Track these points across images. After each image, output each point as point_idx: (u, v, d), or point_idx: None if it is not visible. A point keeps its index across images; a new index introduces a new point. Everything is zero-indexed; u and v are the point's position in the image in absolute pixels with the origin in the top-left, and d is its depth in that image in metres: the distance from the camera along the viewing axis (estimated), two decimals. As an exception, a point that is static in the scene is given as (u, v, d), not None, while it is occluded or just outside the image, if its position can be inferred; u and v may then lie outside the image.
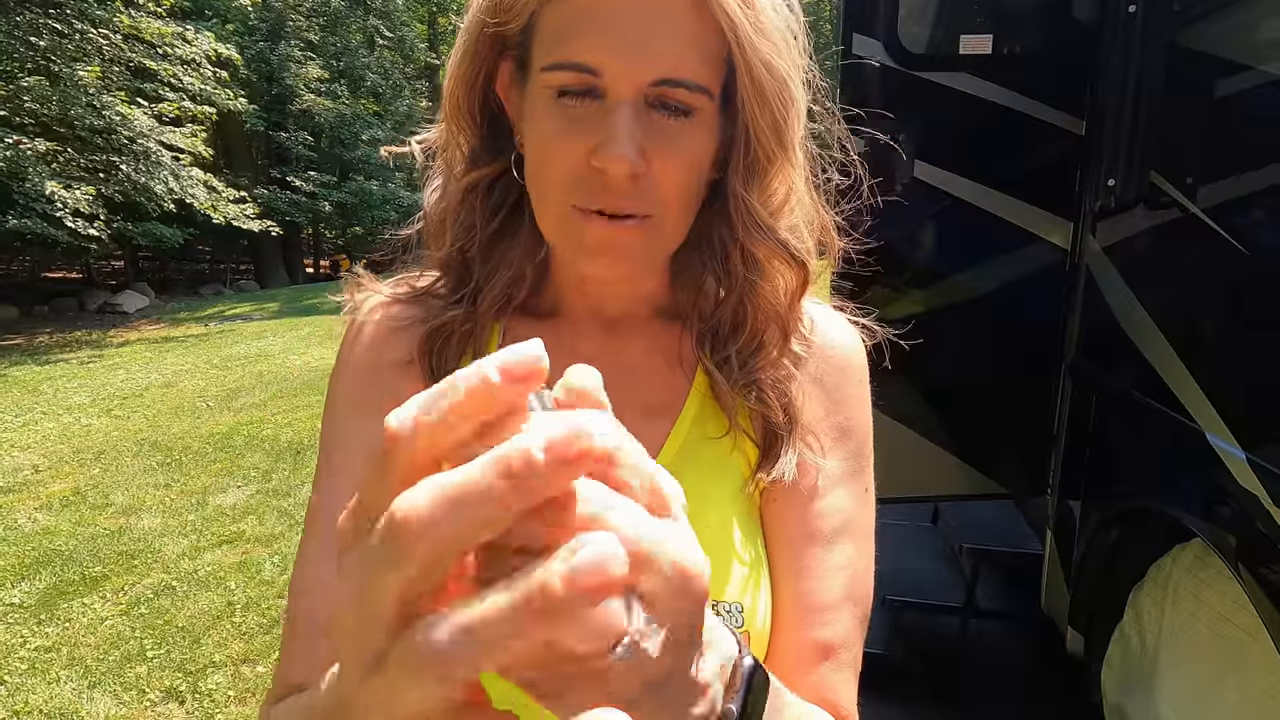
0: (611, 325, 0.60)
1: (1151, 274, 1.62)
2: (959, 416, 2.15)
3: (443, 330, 0.57)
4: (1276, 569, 1.13)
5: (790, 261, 0.54)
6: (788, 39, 0.49)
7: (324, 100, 17.88)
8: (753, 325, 0.56)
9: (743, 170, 0.52)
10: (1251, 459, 1.20)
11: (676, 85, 0.47)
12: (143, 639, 2.82)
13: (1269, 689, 1.22)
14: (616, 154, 0.46)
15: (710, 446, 0.56)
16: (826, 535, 0.56)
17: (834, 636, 0.54)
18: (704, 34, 0.47)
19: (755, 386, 0.55)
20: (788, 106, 0.49)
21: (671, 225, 0.52)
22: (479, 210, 0.56)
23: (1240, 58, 1.34)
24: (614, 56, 0.46)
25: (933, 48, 1.94)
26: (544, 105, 0.49)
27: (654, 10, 0.46)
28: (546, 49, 0.48)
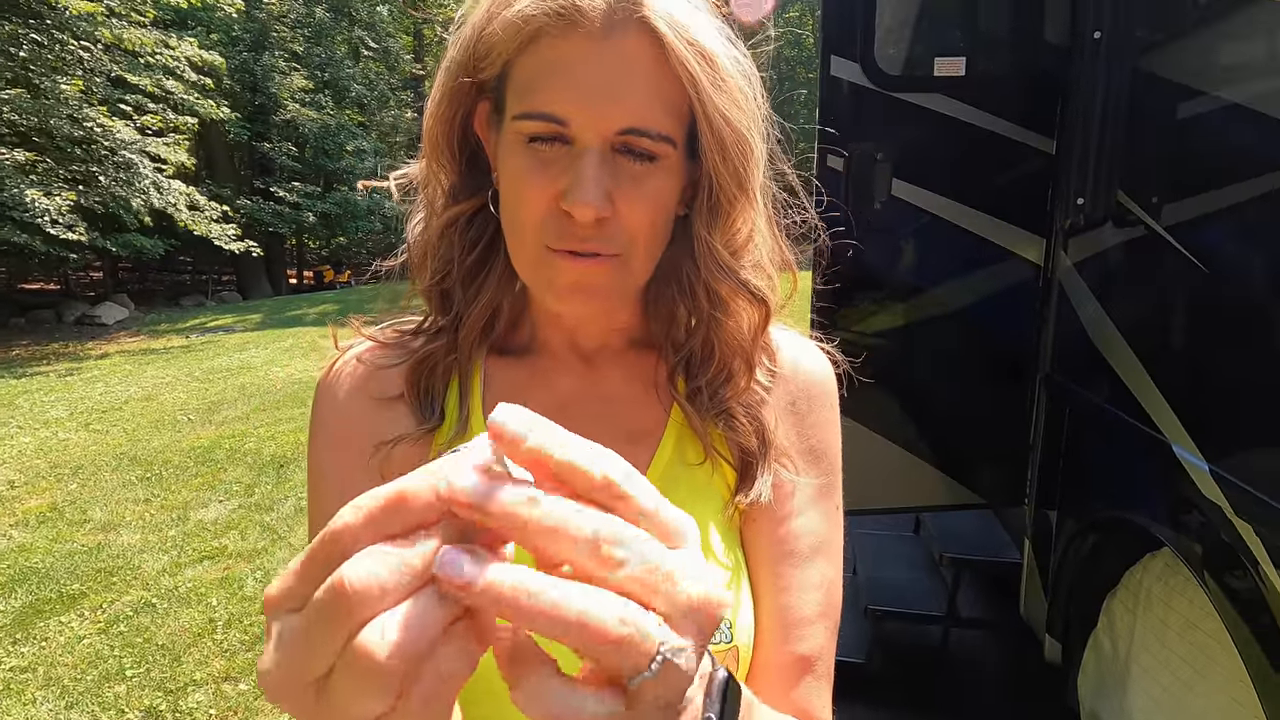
0: (589, 358, 0.62)
1: (1118, 290, 1.67)
2: (939, 429, 2.19)
3: (428, 362, 0.59)
4: (1239, 577, 1.17)
5: (752, 300, 0.57)
6: (745, 91, 0.52)
7: (308, 111, 17.81)
8: (720, 357, 0.58)
9: (706, 213, 0.54)
10: (1214, 470, 1.24)
11: (641, 135, 0.49)
12: (121, 658, 2.78)
13: (1236, 696, 1.25)
14: (583, 200, 0.48)
15: (690, 471, 0.59)
16: (803, 554, 0.59)
17: (811, 650, 0.57)
18: (666, 86, 0.49)
19: (726, 415, 0.58)
20: (747, 155, 0.52)
21: (639, 263, 0.54)
22: (457, 244, 0.58)
23: (1198, 83, 1.40)
24: (580, 108, 0.48)
25: (908, 69, 1.99)
26: (516, 149, 0.51)
27: (619, 64, 0.48)
28: (518, 98, 0.50)
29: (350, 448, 0.59)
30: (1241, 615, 1.16)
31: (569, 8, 0.47)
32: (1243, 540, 1.16)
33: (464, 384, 0.60)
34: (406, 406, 0.59)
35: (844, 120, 1.96)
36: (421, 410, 0.58)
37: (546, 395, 0.61)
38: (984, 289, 2.07)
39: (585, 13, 0.48)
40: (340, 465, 0.59)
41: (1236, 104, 1.30)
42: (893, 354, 2.13)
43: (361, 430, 0.59)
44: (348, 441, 0.59)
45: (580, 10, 0.47)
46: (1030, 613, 2.04)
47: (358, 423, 0.59)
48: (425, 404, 0.58)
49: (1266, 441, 1.18)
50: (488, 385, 0.61)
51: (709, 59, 0.49)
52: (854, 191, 1.94)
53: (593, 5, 0.48)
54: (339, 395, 0.60)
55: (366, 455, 0.57)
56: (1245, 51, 1.29)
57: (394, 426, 0.58)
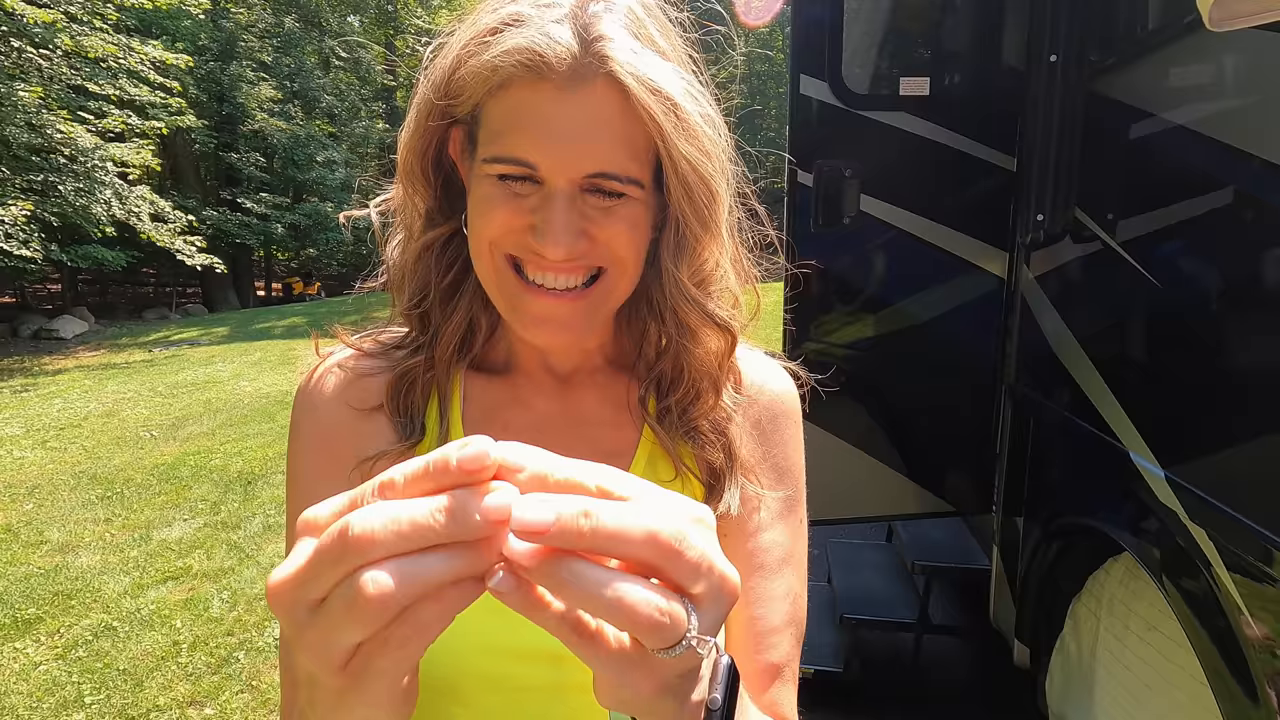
0: (564, 379, 0.64)
1: (1077, 302, 1.72)
2: (909, 439, 2.23)
3: (407, 376, 0.60)
4: (1195, 580, 1.21)
5: (718, 329, 0.60)
6: (710, 135, 0.53)
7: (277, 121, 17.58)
8: (689, 379, 0.61)
9: (673, 248, 0.57)
10: (1170, 477, 1.29)
11: (609, 179, 0.51)
12: (80, 684, 2.68)
13: (1194, 695, 1.29)
14: (552, 242, 0.50)
15: (663, 477, 0.61)
16: (772, 566, 0.61)
17: (780, 658, 0.60)
18: (632, 132, 0.51)
19: (695, 432, 0.60)
20: (713, 196, 0.54)
21: (625, 284, 0.56)
22: (434, 268, 0.60)
23: (1148, 105, 1.46)
24: (548, 155, 0.50)
25: (874, 88, 2.04)
26: (485, 183, 0.53)
27: (586, 114, 0.50)
28: (488, 141, 0.52)
29: (329, 453, 0.60)
30: (1197, 617, 1.21)
31: (536, 60, 0.49)
32: (1197, 544, 1.20)
33: (443, 400, 0.61)
34: (386, 417, 0.60)
35: (813, 137, 2.00)
36: (402, 425, 0.59)
37: (524, 415, 0.63)
38: (950, 302, 2.12)
39: (552, 65, 0.49)
40: (319, 470, 0.60)
41: (1183, 125, 1.36)
42: (863, 366, 2.18)
43: (341, 437, 0.60)
44: (327, 447, 0.60)
45: (547, 63, 0.49)
46: (999, 618, 2.08)
47: (337, 430, 0.60)
48: (405, 419, 0.59)
49: (1219, 448, 1.23)
50: (468, 401, 0.63)
51: (673, 107, 0.50)
52: (823, 207, 1.98)
53: (559, 58, 0.49)
54: (320, 401, 0.61)
55: (345, 462, 0.58)
56: (1191, 76, 1.36)
57: (373, 436, 0.60)
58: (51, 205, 9.93)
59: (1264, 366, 1.14)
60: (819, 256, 2.07)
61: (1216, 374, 1.24)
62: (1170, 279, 1.38)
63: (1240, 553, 1.12)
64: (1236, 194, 1.21)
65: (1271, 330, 1.13)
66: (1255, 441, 1.16)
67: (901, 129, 2.00)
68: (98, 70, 10.39)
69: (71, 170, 10.00)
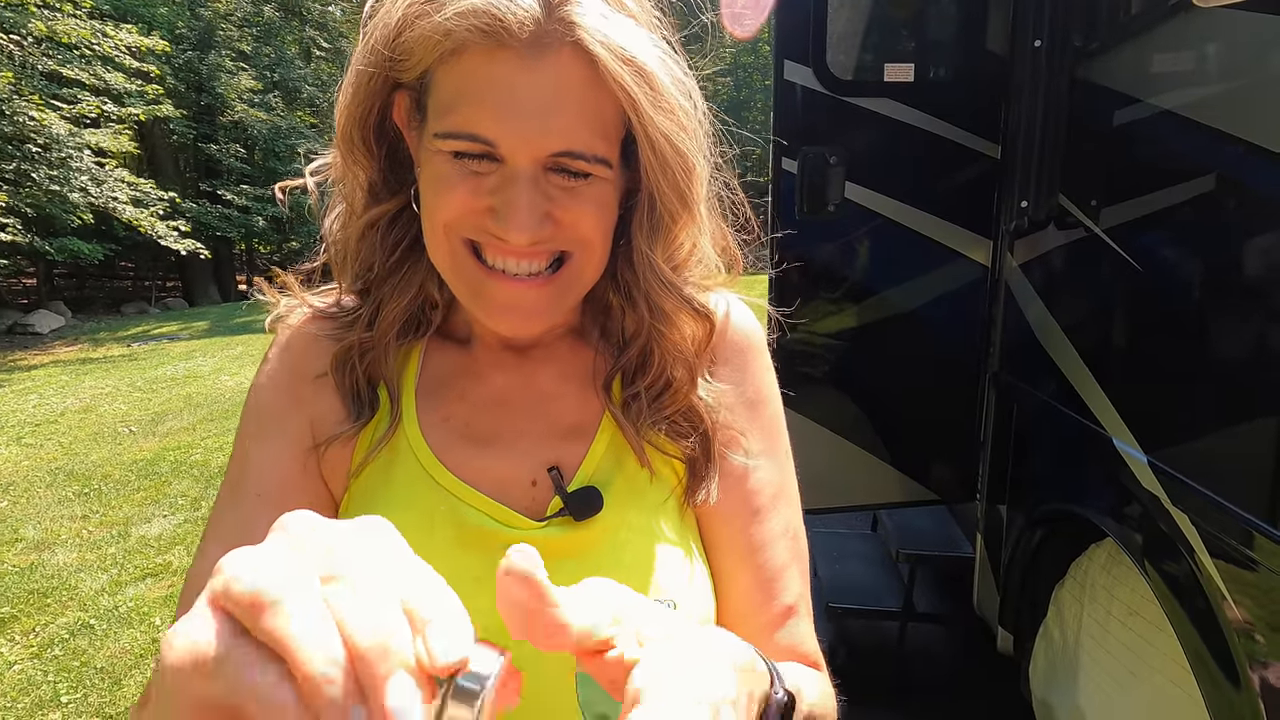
0: (524, 352, 0.61)
1: (1061, 290, 1.72)
2: (894, 428, 2.23)
3: (350, 352, 0.58)
4: (1177, 565, 1.22)
5: (695, 316, 0.57)
6: (686, 108, 0.50)
7: (257, 112, 17.30)
8: (659, 367, 0.58)
9: (647, 228, 0.53)
10: (1152, 462, 1.29)
11: (575, 158, 0.48)
12: (56, 683, 2.63)
13: (1175, 679, 1.30)
14: (515, 227, 0.47)
15: (631, 459, 0.58)
16: (766, 507, 0.60)
17: (791, 598, 0.59)
18: (601, 106, 0.47)
19: (666, 421, 0.57)
20: (690, 173, 0.51)
21: (592, 269, 0.53)
22: (379, 247, 0.57)
23: (1132, 91, 1.45)
24: (509, 133, 0.46)
25: (859, 75, 2.03)
26: (438, 160, 0.49)
27: (550, 86, 0.46)
28: (441, 114, 0.48)
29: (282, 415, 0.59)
30: (1179, 601, 1.21)
31: (494, 26, 0.44)
32: (1179, 529, 1.20)
33: (391, 375, 0.59)
34: (333, 387, 0.58)
35: (798, 124, 1.98)
36: (349, 404, 0.58)
37: (482, 388, 0.60)
38: (935, 290, 2.12)
39: (513, 31, 0.44)
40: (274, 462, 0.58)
41: (1168, 111, 1.36)
42: (848, 354, 2.17)
43: (296, 418, 0.58)
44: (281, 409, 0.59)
45: (507, 28, 0.44)
46: (983, 605, 2.09)
47: (293, 408, 0.59)
48: (350, 393, 0.57)
49: (1200, 433, 1.23)
50: (424, 372, 0.60)
51: (647, 78, 0.47)
52: (808, 194, 1.96)
53: (520, 23, 0.44)
54: (277, 379, 0.60)
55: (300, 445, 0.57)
56: (1175, 61, 1.35)
57: (324, 404, 0.58)
58: (25, 195, 9.71)
59: (1247, 352, 1.14)
60: (803, 244, 2.06)
61: (1199, 360, 1.24)
62: (1154, 265, 1.38)
63: (1222, 537, 1.12)
64: (1220, 179, 1.21)
65: (1254, 316, 1.13)
66: (1237, 426, 1.16)
67: (886, 115, 1.98)
68: (71, 56, 10.16)
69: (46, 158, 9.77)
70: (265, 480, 0.56)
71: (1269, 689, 1.02)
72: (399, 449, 0.57)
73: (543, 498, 0.56)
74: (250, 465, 0.57)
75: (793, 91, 1.98)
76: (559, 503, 0.55)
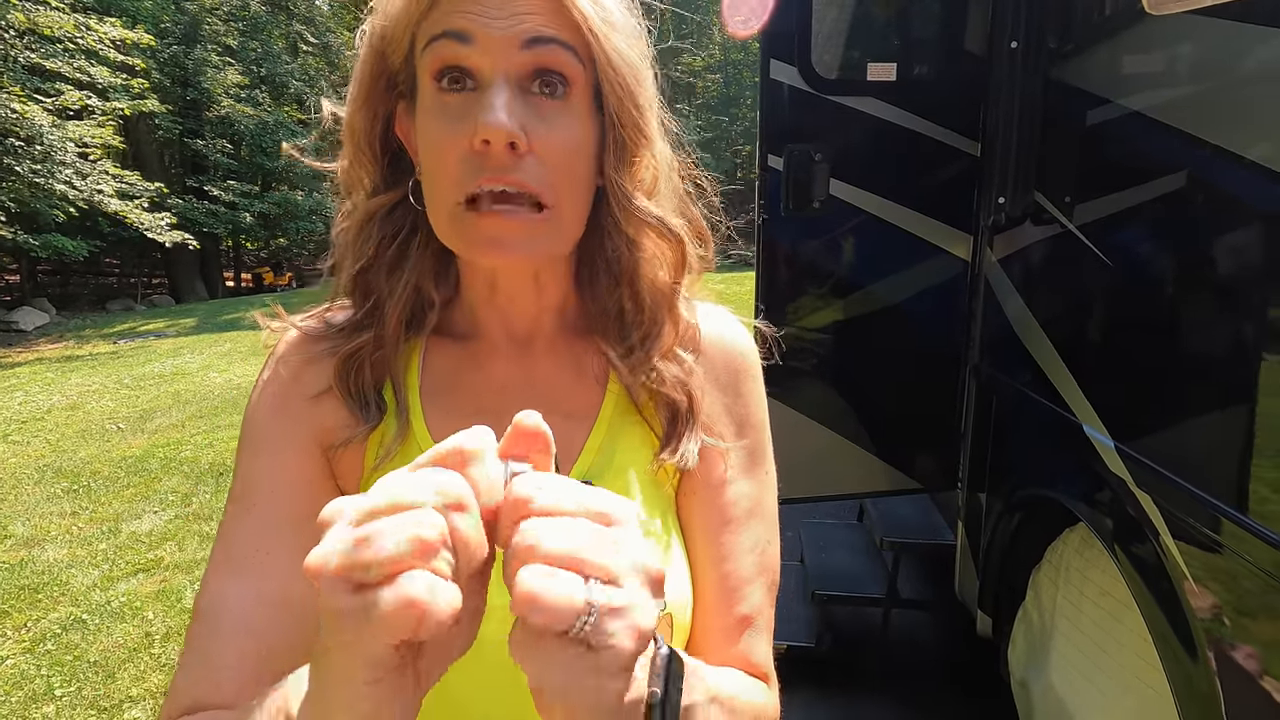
0: (524, 344, 0.64)
1: (1037, 283, 1.78)
2: (878, 419, 2.28)
3: (355, 357, 0.60)
4: (1142, 545, 1.27)
5: (666, 235, 0.60)
6: (636, 31, 0.56)
7: (244, 107, 17.16)
8: (647, 310, 0.61)
9: (613, 156, 0.57)
10: (1119, 447, 1.35)
11: (548, 42, 0.51)
12: (49, 677, 2.65)
13: (1142, 654, 1.36)
14: (493, 121, 0.49)
15: (625, 447, 0.62)
16: (739, 519, 0.63)
17: (750, 609, 0.61)
18: (564, 20, 0.52)
19: (657, 373, 0.61)
20: (642, 86, 0.56)
21: (568, 210, 0.55)
22: (376, 235, 0.59)
23: (1103, 92, 1.51)
24: (484, 23, 0.50)
25: (843, 74, 2.07)
26: (430, 107, 0.53)
27: None
28: (426, 36, 0.52)
29: (283, 443, 0.59)
30: (1144, 580, 1.27)
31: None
32: (1144, 510, 1.26)
33: (396, 375, 0.61)
34: (337, 399, 0.59)
35: (783, 122, 2.03)
36: (356, 408, 0.59)
37: (484, 379, 0.63)
38: (917, 284, 2.17)
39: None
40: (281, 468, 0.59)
41: (1136, 112, 1.41)
42: (833, 347, 2.22)
43: (299, 429, 0.59)
44: (281, 436, 0.59)
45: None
46: (964, 590, 2.15)
47: (293, 423, 0.59)
48: (359, 402, 0.59)
49: (1163, 419, 1.29)
50: (426, 369, 0.63)
51: (600, 3, 0.53)
52: (793, 191, 2.01)
53: None
54: (273, 399, 0.60)
55: (308, 453, 0.59)
56: (1143, 63, 1.41)
57: (330, 418, 0.59)
58: (8, 189, 9.60)
59: (1208, 343, 1.20)
60: (789, 240, 2.10)
61: (1164, 350, 1.30)
62: (1122, 260, 1.44)
63: (1183, 518, 1.18)
64: (1186, 178, 1.26)
65: (1215, 309, 1.19)
66: (1197, 413, 1.22)
67: (869, 114, 2.03)
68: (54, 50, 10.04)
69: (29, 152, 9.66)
70: (276, 484, 0.57)
71: (1224, 662, 1.08)
72: (409, 446, 0.59)
73: None
74: (257, 474, 0.58)
75: (779, 90, 2.03)
76: None
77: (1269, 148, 1.06)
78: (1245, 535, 1.04)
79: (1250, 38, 1.10)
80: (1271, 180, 1.04)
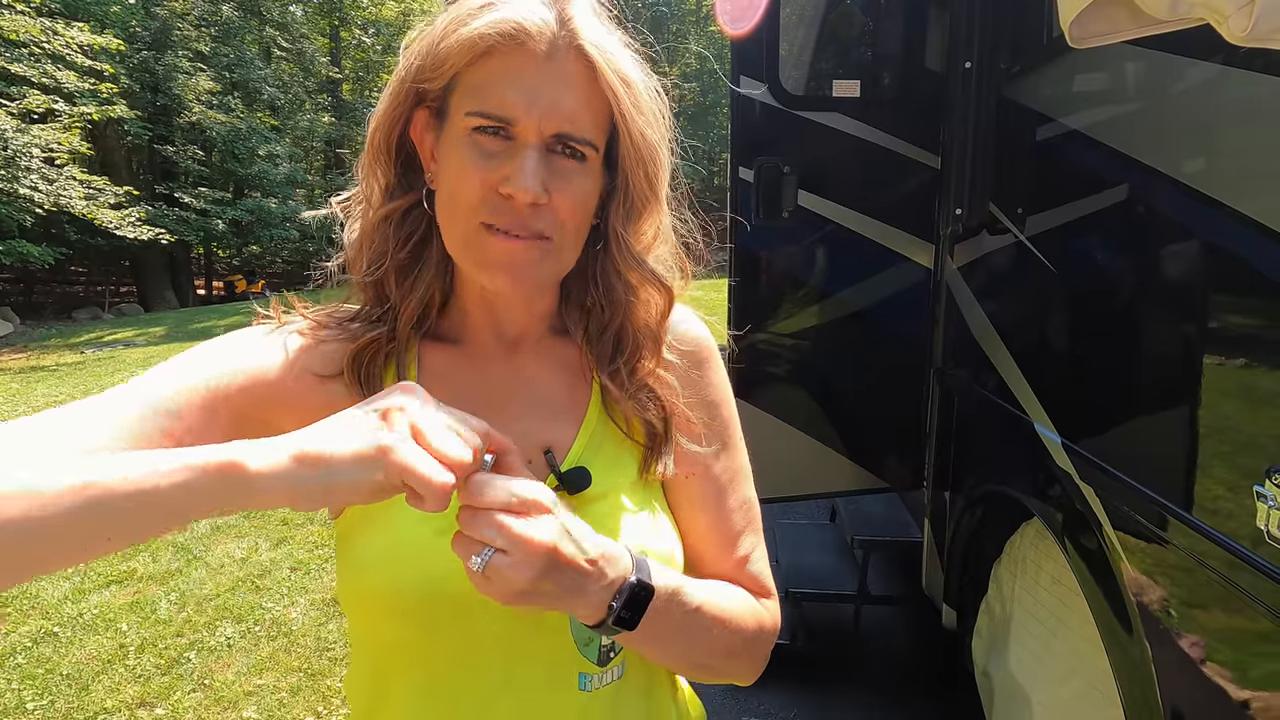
0: (512, 346, 0.71)
1: (992, 290, 1.87)
2: (848, 421, 2.37)
3: (370, 347, 0.66)
4: (1086, 536, 1.36)
5: (659, 287, 0.69)
6: (659, 115, 0.64)
7: (216, 113, 16.93)
8: (633, 341, 0.70)
9: (623, 214, 0.66)
10: (1065, 443, 1.44)
11: (574, 140, 0.60)
12: (21, 691, 2.61)
13: (1088, 638, 1.44)
14: (523, 185, 0.58)
15: (610, 441, 0.70)
16: (725, 486, 0.74)
17: (745, 550, 0.74)
18: (594, 102, 0.60)
19: (639, 392, 0.69)
20: (660, 166, 0.65)
21: (568, 252, 0.64)
22: (392, 237, 0.66)
23: (1049, 110, 1.61)
24: (524, 111, 0.58)
25: (809, 90, 2.16)
26: (460, 141, 0.60)
27: (558, 80, 0.59)
28: (468, 99, 0.60)
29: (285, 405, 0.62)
30: (1089, 569, 1.35)
31: (520, 31, 0.57)
32: (1088, 503, 1.35)
33: (401, 368, 0.67)
34: (343, 386, 0.65)
35: (753, 135, 2.11)
36: (362, 391, 0.65)
37: (477, 380, 0.70)
38: (883, 291, 2.26)
39: (533, 36, 0.58)
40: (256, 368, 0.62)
41: (1077, 130, 1.51)
42: (804, 353, 2.30)
43: (301, 398, 0.63)
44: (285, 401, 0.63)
45: (529, 34, 0.58)
46: (930, 585, 2.24)
47: (295, 388, 0.63)
48: (366, 385, 0.65)
49: (1105, 414, 1.38)
50: (423, 369, 0.69)
51: (629, 85, 0.60)
52: (763, 201, 2.09)
53: (540, 31, 0.58)
54: (285, 349, 0.64)
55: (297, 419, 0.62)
56: (1083, 84, 1.50)
57: (330, 403, 0.63)
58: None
59: (1147, 345, 1.29)
60: (760, 249, 2.18)
61: (1106, 351, 1.39)
62: (1068, 268, 1.53)
63: (1121, 508, 1.26)
64: (1123, 193, 1.35)
65: (1152, 314, 1.28)
66: (1134, 410, 1.30)
67: (835, 128, 2.12)
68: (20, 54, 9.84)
69: (-6, 159, 9.46)
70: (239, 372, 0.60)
71: (1158, 644, 1.16)
72: None
73: (537, 476, 0.65)
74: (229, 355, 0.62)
75: (749, 105, 2.11)
76: (554, 480, 0.65)
77: (1191, 166, 1.15)
78: (1179, 525, 1.12)
79: (1172, 66, 1.20)
80: (1192, 197, 1.13)
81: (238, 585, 3.37)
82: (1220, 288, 1.10)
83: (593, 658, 0.65)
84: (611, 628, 0.56)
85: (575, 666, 0.65)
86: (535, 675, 0.64)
